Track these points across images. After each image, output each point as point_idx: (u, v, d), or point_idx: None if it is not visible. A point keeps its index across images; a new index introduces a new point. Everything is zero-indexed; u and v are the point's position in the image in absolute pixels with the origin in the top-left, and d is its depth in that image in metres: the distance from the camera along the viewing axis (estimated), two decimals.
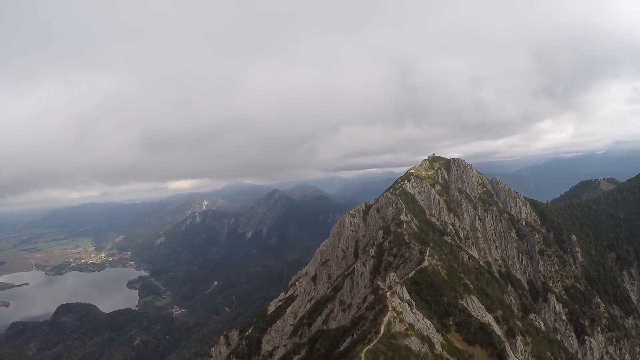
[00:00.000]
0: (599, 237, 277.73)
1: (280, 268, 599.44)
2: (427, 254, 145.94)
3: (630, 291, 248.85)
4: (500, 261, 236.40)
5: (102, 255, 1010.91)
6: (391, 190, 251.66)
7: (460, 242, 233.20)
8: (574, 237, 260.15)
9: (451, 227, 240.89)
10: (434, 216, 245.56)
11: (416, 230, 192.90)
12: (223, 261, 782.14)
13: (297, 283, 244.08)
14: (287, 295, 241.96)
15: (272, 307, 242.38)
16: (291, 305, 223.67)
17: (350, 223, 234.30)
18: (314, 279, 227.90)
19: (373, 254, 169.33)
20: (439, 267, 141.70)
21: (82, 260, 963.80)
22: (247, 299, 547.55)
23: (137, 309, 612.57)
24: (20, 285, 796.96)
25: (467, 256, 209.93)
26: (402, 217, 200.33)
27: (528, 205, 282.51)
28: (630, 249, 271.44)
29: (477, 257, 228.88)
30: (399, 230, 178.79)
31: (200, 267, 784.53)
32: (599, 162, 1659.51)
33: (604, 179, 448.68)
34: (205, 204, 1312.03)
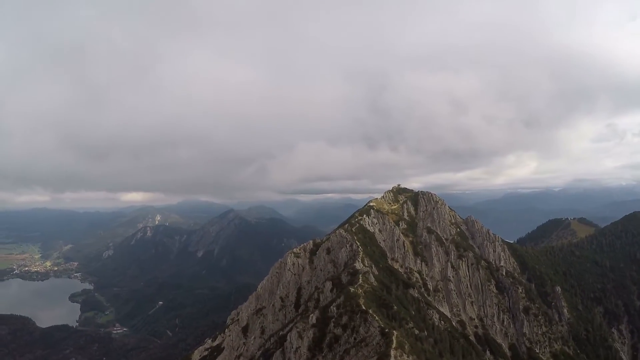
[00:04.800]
0: (584, 289, 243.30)
1: (229, 292, 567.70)
2: (394, 343, 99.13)
3: (620, 351, 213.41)
4: (476, 321, 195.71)
5: (48, 264, 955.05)
6: (346, 225, 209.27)
7: (429, 295, 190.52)
8: (558, 289, 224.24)
9: (418, 276, 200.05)
10: (397, 261, 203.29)
11: (375, 284, 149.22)
12: (171, 280, 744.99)
13: (227, 330, 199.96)
14: (215, 344, 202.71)
15: (196, 356, 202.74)
16: None
17: (293, 264, 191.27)
18: (245, 329, 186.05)
19: (314, 321, 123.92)
20: None
21: (27, 268, 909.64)
22: (191, 324, 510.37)
23: (77, 324, 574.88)
24: None
25: (437, 316, 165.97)
26: (358, 265, 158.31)
27: (507, 250, 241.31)
28: (619, 302, 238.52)
29: (449, 315, 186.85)
30: (351, 289, 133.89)
31: (146, 284, 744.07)
32: (555, 198, 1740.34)
33: (574, 218, 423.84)
34: (159, 218, 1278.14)
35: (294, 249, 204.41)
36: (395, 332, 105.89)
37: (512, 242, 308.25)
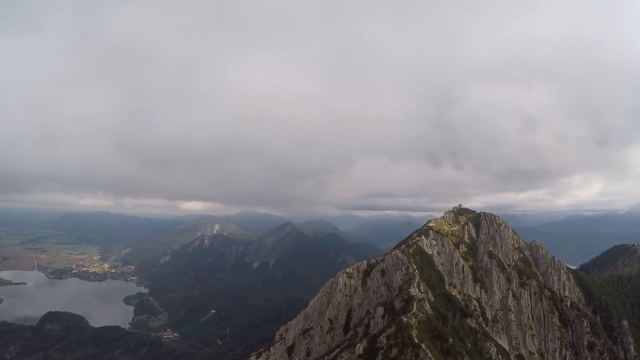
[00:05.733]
0: None
1: (281, 305, 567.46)
2: None
3: None
4: (536, 356, 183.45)
5: (106, 265, 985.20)
6: (403, 246, 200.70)
7: (487, 325, 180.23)
8: (625, 323, 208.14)
9: (476, 304, 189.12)
10: (455, 287, 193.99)
11: (430, 312, 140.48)
12: (225, 289, 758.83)
13: (272, 348, 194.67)
14: None
15: None
16: None
17: (345, 285, 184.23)
18: (290, 349, 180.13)
19: (361, 351, 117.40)
20: None
21: (85, 268, 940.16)
22: (241, 334, 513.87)
23: (129, 326, 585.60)
24: (18, 284, 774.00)
25: (495, 349, 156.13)
26: (413, 291, 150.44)
27: (572, 279, 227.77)
28: None
29: (508, 348, 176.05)
30: (404, 319, 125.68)
31: (201, 292, 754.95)
32: (618, 222, 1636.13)
33: None
34: (217, 227, 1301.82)
35: (347, 269, 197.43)
36: None
37: (574, 268, 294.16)
